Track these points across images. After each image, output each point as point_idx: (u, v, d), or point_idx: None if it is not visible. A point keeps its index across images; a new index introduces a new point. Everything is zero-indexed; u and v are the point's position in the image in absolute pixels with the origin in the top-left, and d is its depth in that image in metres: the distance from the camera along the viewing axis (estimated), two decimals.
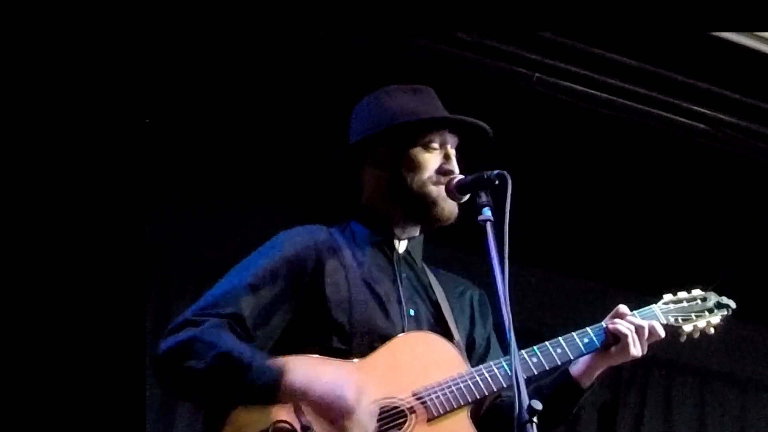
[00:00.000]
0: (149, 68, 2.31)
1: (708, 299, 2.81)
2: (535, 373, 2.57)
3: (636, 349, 2.63)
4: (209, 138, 4.64)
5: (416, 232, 2.75)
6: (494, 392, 2.52)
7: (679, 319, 2.75)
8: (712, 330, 2.80)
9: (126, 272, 2.14)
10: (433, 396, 2.46)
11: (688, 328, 2.76)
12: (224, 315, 2.46)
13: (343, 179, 2.78)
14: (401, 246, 2.73)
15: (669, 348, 2.70)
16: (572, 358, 2.61)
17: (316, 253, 2.60)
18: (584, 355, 2.64)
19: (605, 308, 2.76)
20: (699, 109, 4.39)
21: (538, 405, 2.07)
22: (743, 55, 4.14)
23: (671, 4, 3.41)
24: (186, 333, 2.43)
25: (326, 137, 3.01)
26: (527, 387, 2.57)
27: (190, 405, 4.68)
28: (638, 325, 2.64)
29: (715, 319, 2.80)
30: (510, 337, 2.18)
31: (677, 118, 4.39)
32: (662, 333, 2.68)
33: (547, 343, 2.61)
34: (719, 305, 2.81)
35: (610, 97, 4.29)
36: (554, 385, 2.68)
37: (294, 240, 2.62)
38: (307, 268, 2.57)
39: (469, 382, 2.50)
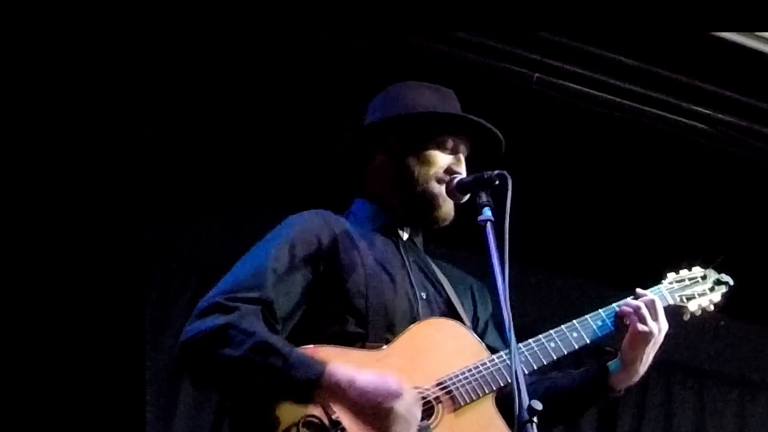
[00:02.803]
0: (149, 68, 2.31)
1: (708, 276, 2.87)
2: (554, 358, 2.57)
3: (647, 325, 2.60)
4: (209, 138, 4.64)
5: (416, 225, 2.75)
6: None
7: (684, 298, 2.80)
8: (712, 307, 2.86)
9: (126, 272, 2.14)
10: (458, 385, 2.44)
11: (692, 306, 2.80)
12: (254, 299, 2.40)
13: (349, 162, 2.77)
14: (404, 234, 2.73)
15: (669, 349, 2.71)
16: (588, 341, 2.62)
17: (330, 233, 2.57)
18: (599, 338, 2.64)
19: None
20: (699, 109, 4.39)
21: (538, 405, 2.06)
22: (743, 55, 4.14)
23: (671, 4, 3.41)
24: (217, 318, 2.35)
25: (326, 137, 3.01)
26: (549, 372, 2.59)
27: (190, 404, 4.70)
28: (647, 300, 2.65)
29: (716, 296, 2.87)
30: (510, 337, 2.17)
31: (677, 118, 4.39)
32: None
33: (563, 326, 2.62)
34: (719, 282, 2.88)
35: (609, 97, 4.29)
36: (585, 377, 2.69)
37: (307, 221, 2.60)
38: (323, 248, 2.54)
39: (492, 369, 2.48)
